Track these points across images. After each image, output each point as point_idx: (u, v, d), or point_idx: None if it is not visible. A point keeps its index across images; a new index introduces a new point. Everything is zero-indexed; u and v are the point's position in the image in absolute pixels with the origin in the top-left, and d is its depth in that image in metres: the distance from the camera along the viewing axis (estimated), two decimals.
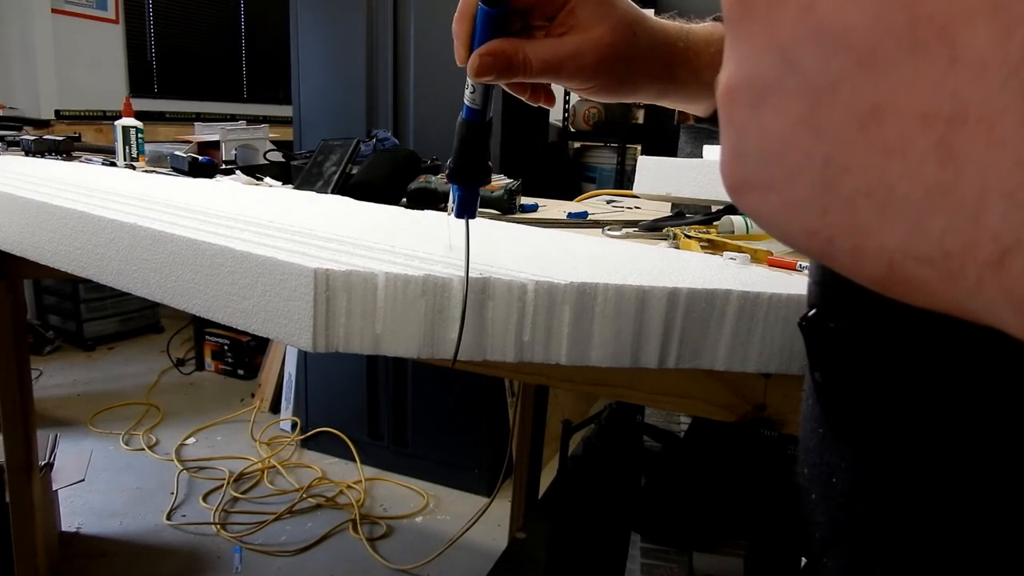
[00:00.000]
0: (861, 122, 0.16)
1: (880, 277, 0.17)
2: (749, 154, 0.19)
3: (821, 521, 0.34)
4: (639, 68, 0.48)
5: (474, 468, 2.28)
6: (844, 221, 0.17)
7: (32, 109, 3.52)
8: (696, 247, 0.91)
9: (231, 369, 3.12)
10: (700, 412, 0.69)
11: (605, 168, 3.19)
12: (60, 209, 0.77)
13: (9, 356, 1.21)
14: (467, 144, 0.48)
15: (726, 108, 0.20)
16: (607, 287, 0.56)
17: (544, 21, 0.47)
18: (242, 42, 4.63)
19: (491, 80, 0.46)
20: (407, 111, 2.19)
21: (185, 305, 0.63)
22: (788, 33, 0.17)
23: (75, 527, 1.99)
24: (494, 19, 0.45)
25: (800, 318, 0.33)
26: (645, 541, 1.20)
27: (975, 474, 0.26)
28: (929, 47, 0.14)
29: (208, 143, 2.10)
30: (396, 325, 0.54)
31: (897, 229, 0.16)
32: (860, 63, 0.15)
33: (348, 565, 1.91)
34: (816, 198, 0.17)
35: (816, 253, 0.18)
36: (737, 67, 0.19)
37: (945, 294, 0.15)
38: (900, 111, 0.15)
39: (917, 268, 0.16)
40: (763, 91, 0.18)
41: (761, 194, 0.19)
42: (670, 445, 1.46)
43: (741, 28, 0.18)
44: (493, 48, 0.45)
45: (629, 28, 0.46)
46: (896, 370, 0.28)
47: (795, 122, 0.17)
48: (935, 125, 0.14)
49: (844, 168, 0.16)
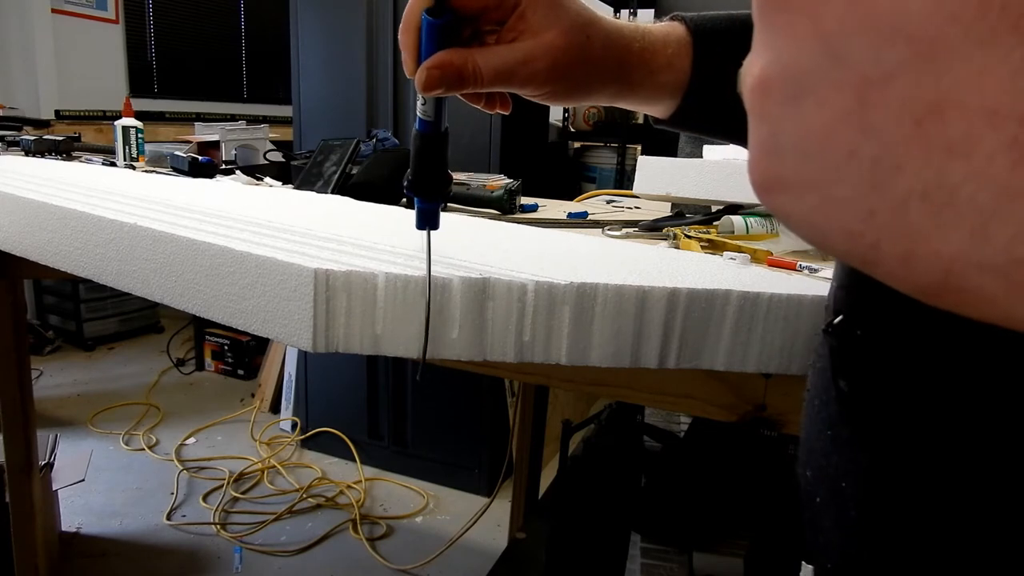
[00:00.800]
0: (918, 119, 0.15)
1: (933, 285, 0.15)
2: (784, 150, 0.18)
3: (827, 525, 0.33)
4: (594, 71, 0.46)
5: (474, 468, 2.28)
6: (894, 224, 0.15)
7: (32, 109, 3.52)
8: (696, 247, 0.91)
9: (231, 369, 3.12)
10: (700, 412, 0.69)
11: (605, 168, 3.19)
12: (60, 209, 0.77)
13: (9, 356, 1.21)
14: (423, 156, 0.47)
15: (759, 101, 0.18)
16: (607, 287, 0.56)
17: (495, 26, 0.45)
18: (242, 42, 4.63)
19: (441, 93, 0.44)
20: (407, 111, 2.19)
21: (185, 305, 0.63)
22: (835, 22, 0.16)
23: (75, 527, 1.99)
24: (440, 29, 0.43)
25: (825, 324, 0.32)
26: (645, 541, 1.20)
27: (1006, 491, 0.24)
28: (1002, 39, 0.13)
29: (208, 143, 2.10)
30: (396, 325, 0.54)
31: (957, 234, 0.14)
32: (919, 55, 0.14)
33: (348, 565, 1.91)
34: (861, 199, 0.16)
35: (857, 257, 0.17)
36: (773, 58, 0.18)
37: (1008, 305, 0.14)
38: (965, 107, 0.14)
39: (978, 276, 0.14)
40: (804, 84, 0.17)
41: (796, 193, 0.18)
42: (670, 445, 1.46)
43: (779, 17, 0.17)
44: (441, 60, 0.43)
45: (582, 31, 0.45)
46: (930, 380, 0.26)
47: (840, 117, 0.16)
48: (1007, 124, 0.13)
49: (896, 167, 0.15)
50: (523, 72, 0.44)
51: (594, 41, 0.45)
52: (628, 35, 0.47)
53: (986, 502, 0.25)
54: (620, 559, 1.21)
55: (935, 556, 0.27)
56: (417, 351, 0.55)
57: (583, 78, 0.46)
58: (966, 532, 0.26)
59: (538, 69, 0.44)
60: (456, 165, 1.63)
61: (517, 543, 1.87)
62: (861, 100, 0.16)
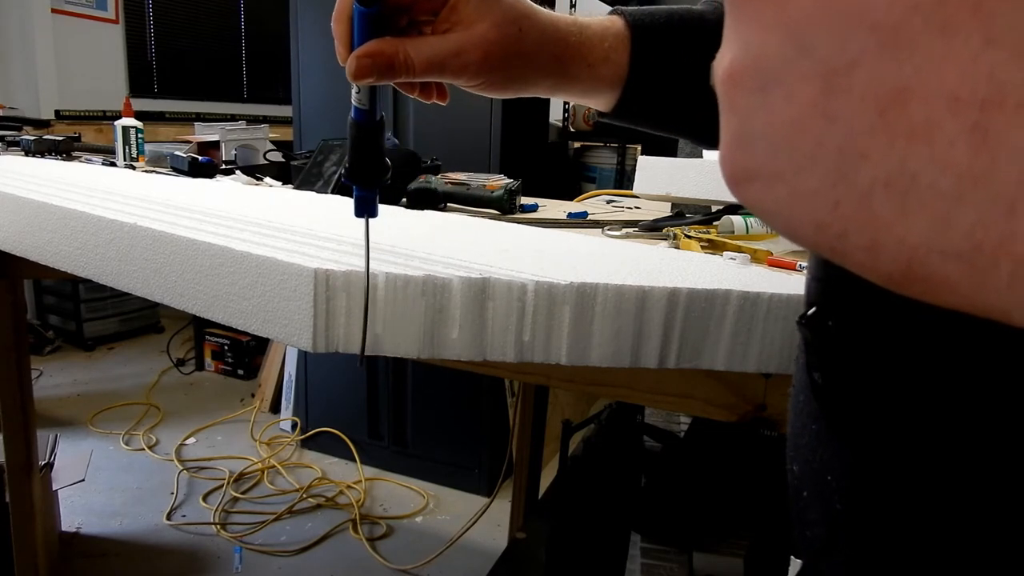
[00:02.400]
0: (881, 107, 0.15)
1: (898, 274, 0.16)
2: (754, 142, 0.18)
3: (814, 519, 0.33)
4: (529, 63, 0.46)
5: (474, 468, 2.28)
6: (859, 214, 0.16)
7: (32, 109, 3.52)
8: (696, 247, 0.91)
9: (231, 369, 3.12)
10: (700, 412, 0.69)
11: (605, 168, 3.19)
12: (60, 209, 0.77)
13: (9, 356, 1.21)
14: (359, 144, 0.48)
15: (728, 93, 0.18)
16: (607, 287, 0.56)
17: (430, 16, 0.45)
18: (242, 42, 4.63)
19: (372, 82, 0.44)
20: (407, 111, 2.19)
21: (185, 305, 0.63)
22: (801, 12, 0.16)
23: (75, 527, 1.99)
24: (370, 18, 0.43)
25: (799, 316, 0.32)
26: (645, 541, 1.20)
27: (981, 480, 0.24)
28: (962, 26, 0.13)
29: (208, 143, 2.10)
30: (396, 325, 0.54)
31: (920, 221, 0.14)
32: (882, 43, 0.14)
33: (348, 565, 1.91)
34: (828, 189, 0.16)
35: (825, 248, 0.17)
36: (742, 49, 0.18)
37: (971, 292, 0.14)
38: (927, 94, 0.14)
39: (941, 264, 0.14)
40: (771, 75, 0.17)
41: (766, 185, 0.18)
42: (670, 445, 1.46)
43: (747, 8, 0.17)
44: (372, 49, 0.43)
45: (515, 23, 0.45)
46: (902, 370, 0.27)
47: (807, 107, 0.16)
48: (967, 109, 0.13)
49: (861, 156, 0.15)
50: (455, 63, 0.44)
51: (528, 33, 0.46)
52: (564, 28, 0.48)
53: (965, 491, 0.25)
54: (620, 559, 1.21)
55: (918, 547, 0.27)
56: (417, 351, 0.55)
57: (518, 70, 0.46)
58: (947, 521, 0.26)
59: (470, 60, 0.44)
60: (456, 165, 1.63)
61: (517, 543, 1.86)
62: (827, 90, 0.16)
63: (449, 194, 1.29)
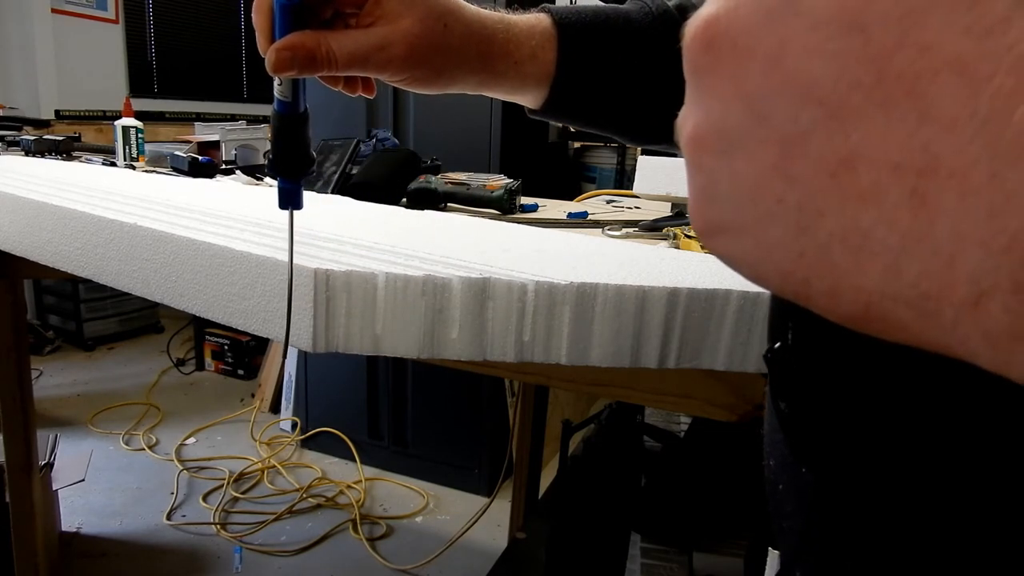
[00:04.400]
0: (833, 171, 0.16)
1: (858, 316, 0.17)
2: (720, 198, 0.19)
3: (788, 511, 0.34)
4: (453, 59, 0.46)
5: (474, 468, 2.28)
6: (820, 263, 0.17)
7: (32, 109, 3.52)
8: (696, 247, 0.91)
9: (231, 369, 3.12)
10: (700, 412, 0.69)
11: (605, 168, 3.19)
12: (60, 209, 0.77)
13: (9, 356, 1.21)
14: (282, 136, 0.47)
15: (694, 154, 0.20)
16: (607, 287, 0.56)
17: (355, 9, 0.45)
18: (242, 42, 4.63)
19: (293, 75, 0.44)
20: (407, 111, 2.19)
21: (185, 305, 0.63)
22: (756, 86, 0.17)
23: (75, 527, 1.99)
24: (291, 11, 0.42)
25: (765, 351, 0.34)
26: (645, 541, 1.20)
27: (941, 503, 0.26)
28: (899, 103, 0.15)
29: (208, 143, 2.10)
30: (396, 325, 0.54)
31: (874, 271, 0.16)
32: (829, 115, 0.16)
33: (348, 565, 1.91)
34: (791, 241, 0.17)
35: (790, 293, 0.18)
36: (704, 116, 0.19)
37: (920, 332, 0.16)
38: (872, 161, 0.15)
39: (894, 308, 0.16)
40: (732, 140, 0.18)
41: (733, 237, 0.19)
42: (670, 445, 1.46)
43: (706, 79, 0.19)
44: (292, 42, 0.42)
45: (439, 19, 0.45)
46: (862, 400, 0.28)
47: (767, 169, 0.17)
48: (907, 176, 0.15)
49: (818, 213, 0.17)
50: (378, 57, 0.44)
51: (453, 29, 0.46)
52: (491, 25, 0.48)
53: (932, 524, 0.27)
54: (620, 559, 1.21)
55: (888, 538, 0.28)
56: (417, 351, 0.55)
57: (443, 66, 0.46)
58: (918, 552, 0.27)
59: (394, 55, 0.44)
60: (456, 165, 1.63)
61: (517, 543, 1.87)
62: (784, 154, 0.17)
63: (449, 194, 1.29)
